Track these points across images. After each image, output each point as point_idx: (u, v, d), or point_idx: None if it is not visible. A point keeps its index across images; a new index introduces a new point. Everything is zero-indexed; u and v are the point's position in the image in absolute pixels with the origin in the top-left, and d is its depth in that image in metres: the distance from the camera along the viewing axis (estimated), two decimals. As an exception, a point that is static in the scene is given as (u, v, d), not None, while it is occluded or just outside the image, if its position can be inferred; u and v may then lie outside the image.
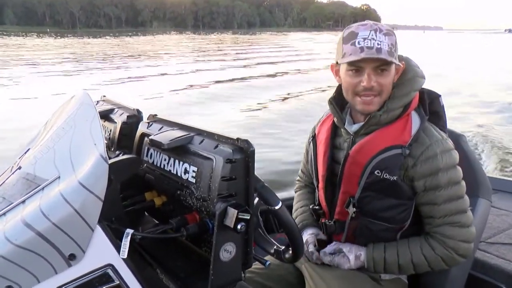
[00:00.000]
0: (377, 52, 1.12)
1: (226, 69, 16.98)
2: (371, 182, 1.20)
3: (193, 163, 0.94)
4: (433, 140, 1.17)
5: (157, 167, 1.05)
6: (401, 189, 1.19)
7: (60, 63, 18.87)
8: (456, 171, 1.20)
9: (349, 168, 1.24)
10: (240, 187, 0.87)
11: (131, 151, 1.15)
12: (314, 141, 1.39)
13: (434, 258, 1.21)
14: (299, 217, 1.44)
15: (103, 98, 1.41)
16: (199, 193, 0.91)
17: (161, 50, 28.68)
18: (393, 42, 1.15)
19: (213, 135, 0.93)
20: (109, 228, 0.84)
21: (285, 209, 0.94)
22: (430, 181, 1.17)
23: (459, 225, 1.20)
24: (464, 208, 1.21)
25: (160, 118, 1.14)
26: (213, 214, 0.86)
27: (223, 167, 0.85)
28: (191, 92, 11.06)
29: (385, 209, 1.22)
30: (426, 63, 9.47)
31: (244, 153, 0.86)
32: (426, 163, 1.16)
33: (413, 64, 1.25)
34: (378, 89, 1.17)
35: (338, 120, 1.31)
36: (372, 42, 1.12)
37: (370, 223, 1.24)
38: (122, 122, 1.19)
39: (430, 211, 1.20)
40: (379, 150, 1.18)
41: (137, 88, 11.59)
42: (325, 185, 1.33)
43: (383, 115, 1.20)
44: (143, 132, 1.12)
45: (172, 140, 0.95)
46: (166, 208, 1.06)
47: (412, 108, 1.22)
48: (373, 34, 1.13)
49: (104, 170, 0.81)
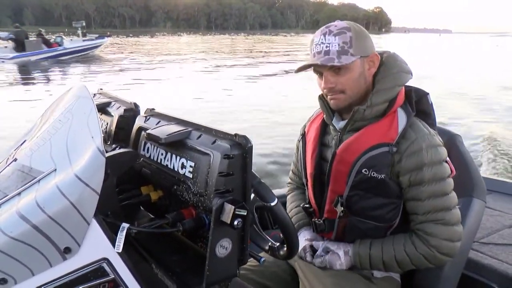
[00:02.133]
0: (324, 55, 1.16)
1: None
2: (358, 181, 1.21)
3: (190, 158, 0.94)
4: (419, 135, 1.18)
5: (154, 161, 1.04)
6: (389, 187, 1.20)
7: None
8: (442, 167, 1.19)
9: (336, 166, 1.25)
10: (237, 183, 0.87)
11: (128, 145, 1.14)
12: (304, 139, 1.41)
13: (416, 256, 1.22)
14: (294, 217, 1.45)
15: (100, 91, 1.40)
16: (196, 188, 0.92)
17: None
18: (347, 39, 1.16)
19: (211, 130, 0.94)
20: (105, 222, 0.84)
21: (280, 206, 0.94)
22: (414, 176, 1.18)
23: (443, 223, 1.19)
24: (448, 205, 1.20)
25: (158, 112, 1.14)
26: (209, 209, 0.86)
27: (220, 163, 0.85)
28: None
29: (374, 208, 1.23)
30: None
31: (242, 149, 0.86)
32: (411, 158, 1.17)
33: (400, 60, 1.26)
34: (340, 88, 1.20)
35: (327, 116, 1.32)
36: (321, 46, 1.17)
37: (359, 222, 1.26)
38: (119, 115, 1.19)
39: (415, 207, 1.21)
40: (366, 148, 1.19)
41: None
42: (313, 183, 1.34)
43: (367, 110, 1.21)
44: (140, 126, 1.12)
45: (170, 135, 0.95)
46: (162, 202, 1.06)
47: (398, 105, 1.23)
48: (322, 38, 1.18)
49: (101, 164, 0.81)
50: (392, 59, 1.25)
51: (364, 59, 1.21)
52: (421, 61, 20.64)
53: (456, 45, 56.27)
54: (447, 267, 1.36)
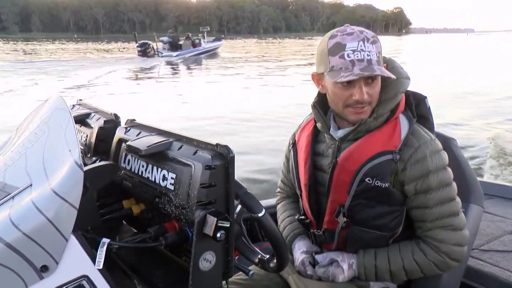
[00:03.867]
0: (367, 64, 1.13)
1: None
2: (362, 190, 1.21)
3: (172, 169, 0.95)
4: (421, 142, 1.20)
5: (135, 174, 1.06)
6: (393, 195, 1.21)
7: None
8: (447, 172, 1.21)
9: (338, 176, 1.25)
10: (219, 194, 0.88)
11: (108, 157, 1.15)
12: (295, 148, 1.40)
13: (426, 264, 1.23)
14: (287, 227, 1.45)
15: (79, 102, 1.41)
16: (178, 201, 0.92)
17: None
18: (379, 49, 1.17)
19: (192, 140, 0.95)
20: (84, 237, 0.85)
21: (268, 217, 0.95)
22: (420, 184, 1.19)
23: (452, 228, 1.21)
24: (456, 210, 1.22)
25: (138, 123, 1.15)
26: (192, 222, 0.87)
27: (202, 174, 0.86)
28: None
29: (377, 217, 1.24)
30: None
31: (223, 159, 0.87)
32: (416, 166, 1.18)
33: (397, 66, 1.27)
34: (369, 100, 1.19)
35: (323, 125, 1.31)
36: (362, 54, 1.12)
37: (361, 232, 1.26)
38: (99, 127, 1.20)
39: (422, 214, 1.23)
40: (369, 156, 1.20)
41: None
42: (308, 194, 1.34)
43: (372, 122, 1.22)
44: (121, 138, 1.13)
45: (150, 146, 0.96)
46: (145, 216, 1.07)
47: (399, 111, 1.24)
48: (361, 45, 1.13)
49: (79, 178, 0.82)
50: (390, 65, 1.25)
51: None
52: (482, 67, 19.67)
53: (494, 45, 52.50)
54: (446, 276, 1.36)
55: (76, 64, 22.50)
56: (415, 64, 20.99)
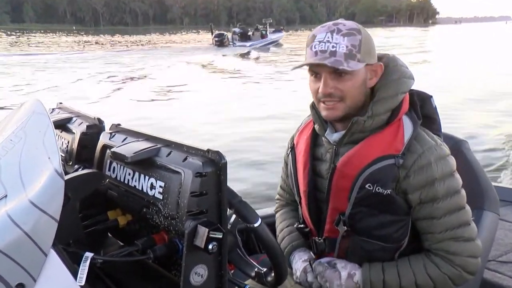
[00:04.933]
0: (329, 55, 1.12)
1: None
2: (362, 197, 1.18)
3: (160, 177, 0.93)
4: (425, 147, 1.17)
5: (121, 182, 1.04)
6: (397, 203, 1.18)
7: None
8: (454, 179, 1.18)
9: (337, 182, 1.22)
10: (211, 203, 0.87)
11: (92, 165, 1.14)
12: (293, 152, 1.37)
13: (440, 278, 1.19)
14: (286, 238, 1.42)
15: (59, 106, 1.39)
16: (167, 211, 0.91)
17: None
18: (356, 42, 1.14)
19: (182, 146, 0.93)
20: (66, 252, 0.83)
21: (265, 227, 0.94)
22: (426, 193, 1.16)
23: (464, 239, 1.17)
24: (466, 219, 1.18)
25: (124, 128, 1.13)
26: (182, 233, 0.86)
27: (192, 182, 0.85)
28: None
29: (380, 227, 1.20)
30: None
31: (215, 165, 0.86)
32: (420, 173, 1.15)
33: (400, 64, 1.25)
34: (339, 95, 1.16)
35: (320, 127, 1.29)
36: (327, 45, 1.12)
37: (364, 242, 1.22)
38: (81, 132, 1.18)
39: (429, 226, 1.19)
40: (370, 161, 1.17)
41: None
42: (308, 201, 1.31)
43: (367, 121, 1.18)
44: (105, 144, 1.11)
45: (137, 153, 0.94)
46: (131, 227, 1.05)
47: (402, 113, 1.21)
48: (329, 36, 1.13)
49: (60, 187, 0.80)
50: (392, 63, 1.23)
51: (368, 68, 1.17)
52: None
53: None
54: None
55: (167, 52, 26.99)
56: (445, 59, 20.51)
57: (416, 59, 19.45)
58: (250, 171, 5.44)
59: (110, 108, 9.26)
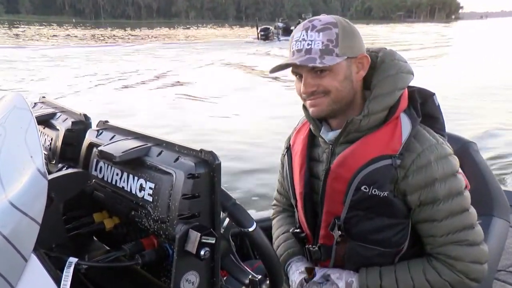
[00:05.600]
0: (305, 54, 1.12)
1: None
2: (358, 200, 1.16)
3: (150, 178, 0.92)
4: (425, 146, 1.15)
5: (108, 183, 1.03)
6: (394, 206, 1.16)
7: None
8: (456, 179, 1.16)
9: (331, 184, 1.21)
10: (204, 206, 0.86)
11: (77, 164, 1.12)
12: (289, 153, 1.35)
13: (440, 284, 1.17)
14: (282, 245, 1.40)
15: (42, 100, 1.37)
16: (156, 214, 0.90)
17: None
18: (332, 37, 1.13)
19: (174, 146, 0.92)
20: (48, 257, 0.81)
21: (260, 232, 0.93)
22: (425, 194, 1.14)
23: (467, 243, 1.15)
24: (470, 222, 1.16)
25: (112, 125, 1.12)
26: (173, 238, 0.84)
27: (184, 183, 0.84)
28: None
29: (377, 231, 1.19)
30: None
31: (208, 166, 0.85)
32: (419, 174, 1.13)
33: (398, 58, 1.22)
34: (323, 90, 1.15)
35: (314, 127, 1.27)
36: (302, 43, 1.13)
37: (361, 248, 1.20)
38: (66, 129, 1.16)
39: (430, 229, 1.17)
40: (365, 162, 1.15)
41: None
42: (304, 204, 1.29)
43: (363, 120, 1.16)
44: (92, 142, 1.09)
45: (126, 152, 0.93)
46: (119, 231, 1.04)
47: (400, 110, 1.19)
48: (304, 34, 1.13)
49: (42, 188, 0.78)
50: (389, 58, 1.21)
51: (352, 60, 1.15)
52: None
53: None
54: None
55: (218, 45, 27.89)
56: (465, 56, 20.18)
57: (433, 55, 19.44)
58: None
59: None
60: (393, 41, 30.50)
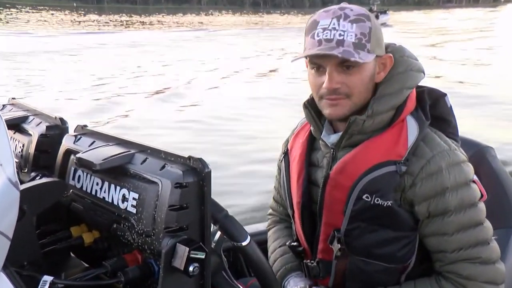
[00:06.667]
0: (336, 45, 1.08)
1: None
2: (359, 210, 1.13)
3: (134, 188, 0.91)
4: (436, 152, 1.11)
5: (87, 193, 1.01)
6: (400, 217, 1.13)
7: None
8: (470, 189, 1.11)
9: (330, 192, 1.17)
10: (193, 218, 0.85)
11: (52, 172, 1.10)
12: (287, 158, 1.32)
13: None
14: (279, 260, 1.36)
15: (12, 102, 1.35)
16: (141, 227, 0.88)
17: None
18: (366, 30, 1.10)
19: (159, 152, 0.91)
20: (19, 275, 0.80)
21: (254, 246, 0.92)
22: (435, 204, 1.10)
23: (481, 261, 1.10)
24: (485, 238, 1.11)
25: (91, 130, 1.10)
26: (158, 253, 0.84)
27: (171, 193, 0.83)
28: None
29: (381, 244, 1.15)
30: None
31: (198, 175, 0.84)
32: (428, 181, 1.10)
33: (408, 55, 1.19)
34: (345, 91, 1.11)
35: (315, 128, 1.24)
36: (333, 33, 1.07)
37: (363, 263, 1.17)
38: (40, 134, 1.14)
39: (440, 243, 1.13)
40: (367, 168, 1.11)
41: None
42: (301, 214, 1.26)
43: (367, 121, 1.13)
44: (69, 148, 1.08)
45: (107, 159, 0.91)
46: (99, 246, 1.03)
47: (407, 112, 1.16)
48: (334, 22, 1.08)
49: (14, 199, 0.77)
50: (398, 54, 1.17)
51: (377, 60, 1.12)
52: None
53: None
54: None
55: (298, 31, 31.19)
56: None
57: (474, 46, 18.98)
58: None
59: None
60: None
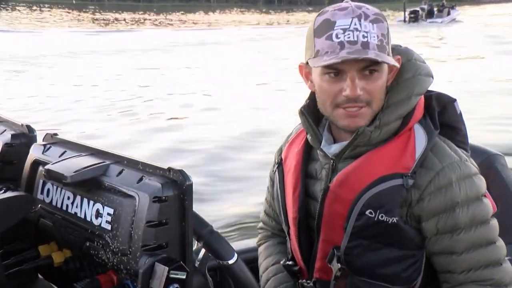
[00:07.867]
0: (362, 47, 1.04)
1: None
2: (361, 227, 1.10)
3: (109, 202, 0.89)
4: (445, 163, 1.08)
5: (57, 208, 0.99)
6: (405, 234, 1.10)
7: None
8: (482, 204, 1.09)
9: (330, 207, 1.14)
10: (173, 235, 0.84)
11: (18, 186, 1.09)
12: (281, 169, 1.28)
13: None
14: (272, 279, 1.30)
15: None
16: (116, 245, 0.87)
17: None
18: (384, 31, 1.08)
19: (137, 163, 0.90)
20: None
21: (242, 265, 0.92)
22: (444, 221, 1.08)
23: (492, 284, 1.07)
24: (497, 258, 1.09)
25: (62, 139, 1.08)
26: (135, 273, 0.82)
27: (149, 208, 0.82)
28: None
29: (384, 264, 1.12)
30: None
31: (178, 188, 0.83)
32: (437, 196, 1.07)
33: (416, 58, 1.15)
34: (366, 98, 1.07)
35: (313, 137, 1.19)
36: (356, 34, 1.03)
37: (364, 284, 1.13)
38: (5, 143, 1.12)
39: (448, 263, 1.11)
40: (372, 181, 1.08)
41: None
42: (298, 231, 1.21)
43: (374, 132, 1.10)
44: (37, 159, 1.06)
45: (79, 171, 0.90)
46: (70, 266, 1.00)
47: (415, 120, 1.13)
48: (356, 23, 1.04)
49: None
50: (405, 57, 1.14)
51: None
52: None
53: None
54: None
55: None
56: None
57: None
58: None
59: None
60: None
